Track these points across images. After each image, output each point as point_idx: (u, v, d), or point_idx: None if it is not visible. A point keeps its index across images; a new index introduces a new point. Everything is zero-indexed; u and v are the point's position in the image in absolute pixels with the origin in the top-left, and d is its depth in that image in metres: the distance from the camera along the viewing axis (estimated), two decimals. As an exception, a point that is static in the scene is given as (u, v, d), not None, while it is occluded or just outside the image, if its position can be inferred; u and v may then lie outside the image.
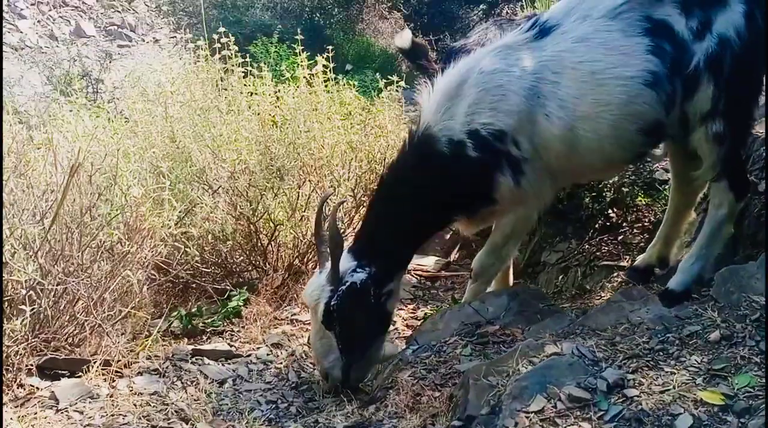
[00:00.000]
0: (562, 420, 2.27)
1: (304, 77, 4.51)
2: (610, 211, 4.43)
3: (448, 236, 5.43)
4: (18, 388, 3.06)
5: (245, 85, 4.30)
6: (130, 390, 3.09)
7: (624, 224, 4.35)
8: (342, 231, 4.14)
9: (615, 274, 4.08)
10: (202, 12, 9.63)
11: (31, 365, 3.12)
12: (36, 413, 2.90)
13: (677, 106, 3.09)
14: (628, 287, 3.20)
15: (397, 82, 4.98)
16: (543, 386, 2.40)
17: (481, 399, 2.49)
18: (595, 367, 2.49)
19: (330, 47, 4.74)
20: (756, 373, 2.38)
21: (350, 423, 2.79)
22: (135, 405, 2.95)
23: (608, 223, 4.43)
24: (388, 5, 13.34)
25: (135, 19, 17.29)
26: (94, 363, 3.18)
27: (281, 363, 3.66)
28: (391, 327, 3.88)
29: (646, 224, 4.30)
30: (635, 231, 4.30)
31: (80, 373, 3.16)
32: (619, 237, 4.28)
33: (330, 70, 4.69)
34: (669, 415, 2.23)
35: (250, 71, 4.66)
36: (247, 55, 4.86)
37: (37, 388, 3.08)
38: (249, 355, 3.68)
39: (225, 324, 4.02)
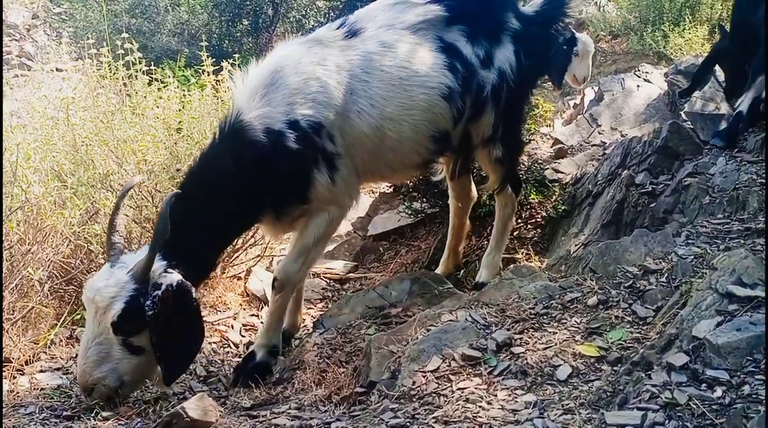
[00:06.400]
0: (456, 377, 2.45)
1: (210, 83, 4.57)
2: (505, 208, 4.70)
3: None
4: None
5: (150, 91, 4.32)
6: (32, 385, 3.04)
7: (519, 221, 4.62)
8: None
9: (510, 266, 4.32)
10: (106, 37, 9.48)
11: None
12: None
13: (462, 123, 3.47)
14: (518, 265, 3.43)
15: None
16: (439, 348, 2.58)
17: (383, 365, 2.65)
18: (486, 330, 2.69)
19: (237, 56, 4.84)
20: (628, 330, 2.64)
21: (258, 402, 2.85)
22: (37, 398, 2.89)
23: (504, 220, 4.69)
24: (298, 36, 13.53)
25: (34, 47, 16.72)
26: (-7, 360, 3.09)
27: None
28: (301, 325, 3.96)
29: (538, 220, 4.60)
30: (529, 226, 4.58)
31: (-23, 370, 3.07)
32: (515, 233, 4.55)
33: (237, 78, 4.73)
34: (551, 367, 2.45)
35: (155, 78, 4.68)
36: (152, 65, 4.89)
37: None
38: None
39: (131, 327, 3.97)
